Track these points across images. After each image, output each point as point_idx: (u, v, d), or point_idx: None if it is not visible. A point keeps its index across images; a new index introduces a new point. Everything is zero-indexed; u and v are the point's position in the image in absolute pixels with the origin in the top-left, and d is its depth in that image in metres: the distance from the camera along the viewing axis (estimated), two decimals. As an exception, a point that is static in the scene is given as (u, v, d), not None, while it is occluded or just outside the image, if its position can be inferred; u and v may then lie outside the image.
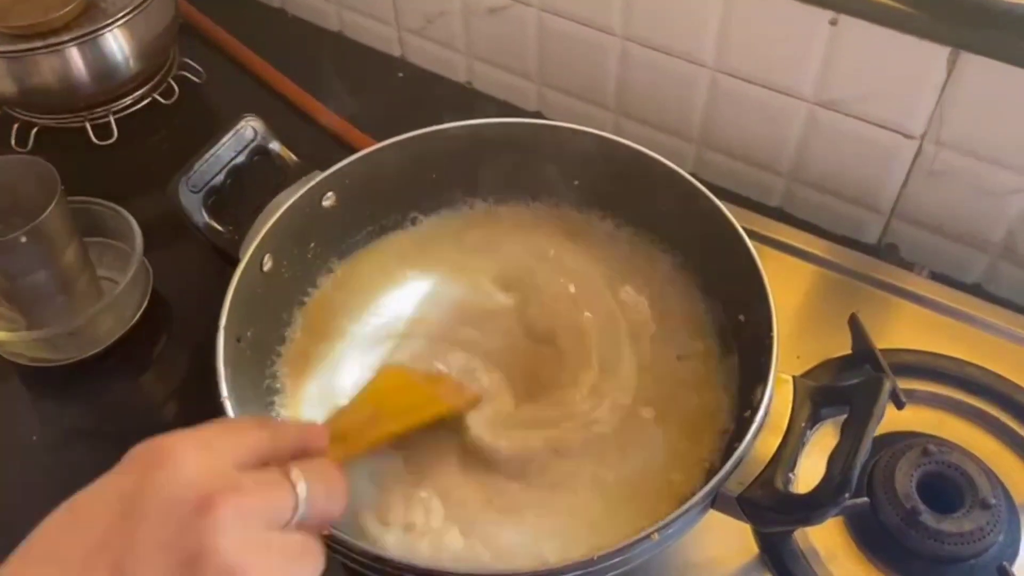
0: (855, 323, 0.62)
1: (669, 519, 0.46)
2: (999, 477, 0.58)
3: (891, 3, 0.63)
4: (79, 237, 0.68)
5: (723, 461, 0.49)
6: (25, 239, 0.62)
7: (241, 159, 0.63)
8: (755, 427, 0.49)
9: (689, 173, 0.61)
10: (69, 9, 0.79)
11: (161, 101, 0.88)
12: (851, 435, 0.47)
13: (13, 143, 0.85)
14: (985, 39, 0.61)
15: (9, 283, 0.66)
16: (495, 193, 0.69)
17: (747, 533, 0.57)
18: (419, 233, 0.68)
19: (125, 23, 0.80)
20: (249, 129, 0.64)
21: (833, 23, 0.66)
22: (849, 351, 0.63)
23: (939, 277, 0.74)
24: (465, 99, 0.92)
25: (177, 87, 0.89)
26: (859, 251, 0.74)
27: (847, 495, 0.45)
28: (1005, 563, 0.54)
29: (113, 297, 0.68)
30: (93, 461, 0.63)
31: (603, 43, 0.79)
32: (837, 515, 0.56)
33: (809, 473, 0.48)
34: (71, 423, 0.68)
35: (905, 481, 0.57)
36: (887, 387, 0.48)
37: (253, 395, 0.57)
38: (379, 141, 0.64)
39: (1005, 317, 0.68)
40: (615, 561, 0.45)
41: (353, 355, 0.61)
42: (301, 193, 0.61)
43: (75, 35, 0.78)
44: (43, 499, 0.62)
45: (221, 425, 0.39)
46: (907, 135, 0.69)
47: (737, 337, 0.59)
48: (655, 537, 0.45)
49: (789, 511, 0.48)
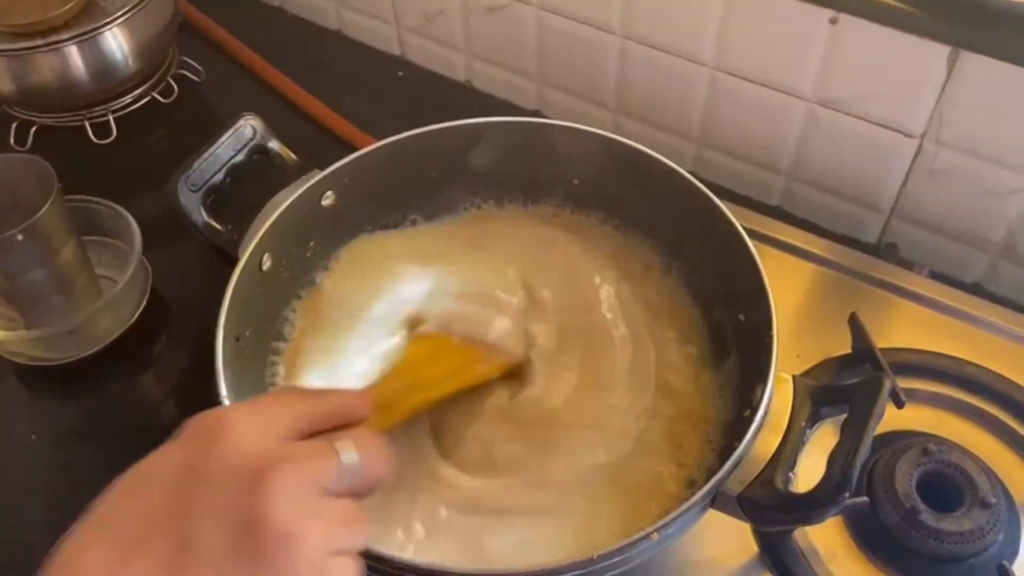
0: (855, 322, 0.62)
1: (669, 518, 0.46)
2: (999, 476, 0.58)
3: (891, 2, 0.63)
4: (77, 236, 0.68)
5: (723, 460, 0.49)
6: (22, 237, 0.62)
7: (240, 158, 0.63)
8: (755, 426, 0.49)
9: (689, 172, 0.61)
10: (68, 7, 0.79)
11: (160, 100, 0.88)
12: (851, 434, 0.47)
13: (12, 142, 0.85)
14: (985, 38, 0.61)
15: (7, 282, 0.65)
16: (494, 192, 0.69)
17: (747, 532, 0.57)
18: (418, 232, 0.68)
19: (124, 22, 0.80)
20: (248, 128, 0.64)
21: (833, 22, 0.66)
22: (849, 350, 0.63)
23: (939, 276, 0.73)
24: (465, 98, 0.92)
25: (176, 86, 0.89)
26: (859, 250, 0.74)
27: (847, 494, 0.44)
28: (1005, 562, 0.54)
29: (112, 296, 0.68)
30: (92, 460, 0.64)
31: (603, 42, 0.79)
32: (837, 514, 0.56)
33: (809, 472, 0.48)
34: (70, 422, 0.68)
35: (905, 480, 0.57)
36: (887, 386, 0.48)
37: (252, 394, 0.57)
38: (378, 140, 0.64)
39: (1005, 316, 0.68)
40: (615, 560, 0.45)
41: (352, 354, 0.61)
42: (300, 192, 0.61)
43: (74, 33, 0.78)
44: (42, 498, 0.63)
45: (271, 397, 0.41)
46: (907, 134, 0.69)
47: (737, 336, 0.58)
48: (655, 536, 0.45)
49: (789, 510, 0.48)
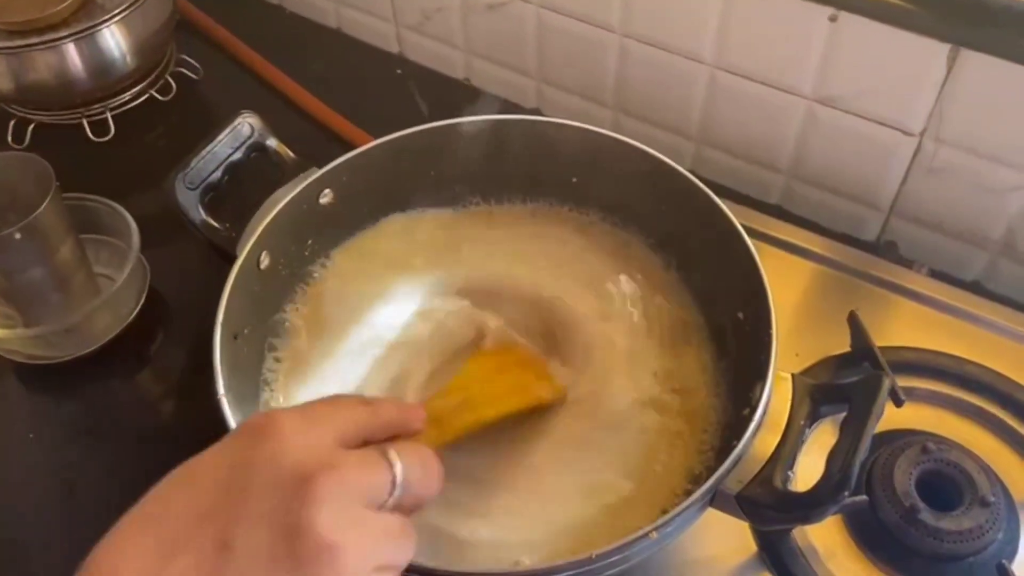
0: (854, 321, 0.62)
1: (667, 517, 0.46)
2: (998, 475, 0.58)
3: (891, 0, 0.63)
4: (75, 234, 0.68)
5: (722, 459, 0.48)
6: (20, 236, 0.62)
7: (238, 156, 0.63)
8: (754, 425, 0.49)
9: (688, 170, 0.61)
10: (66, 5, 0.78)
11: (158, 98, 0.88)
12: (850, 433, 0.47)
13: (10, 140, 0.85)
14: (985, 36, 0.61)
15: (5, 280, 0.65)
16: (493, 190, 0.68)
17: (746, 531, 0.57)
18: (417, 230, 0.68)
19: (122, 19, 0.80)
20: (246, 126, 0.64)
21: (832, 20, 0.66)
22: (848, 349, 0.63)
23: (938, 275, 0.73)
24: (464, 96, 0.92)
25: (174, 83, 0.89)
26: (858, 248, 0.74)
27: (846, 493, 0.44)
28: (1004, 561, 0.54)
29: (110, 294, 0.68)
30: (90, 459, 0.64)
31: (602, 40, 0.79)
32: (836, 513, 0.56)
33: (808, 471, 0.48)
34: (68, 421, 0.68)
35: (904, 479, 0.56)
36: (886, 385, 0.48)
37: (250, 392, 0.57)
38: (377, 138, 0.64)
39: (1004, 315, 0.68)
40: (613, 559, 0.45)
41: (351, 352, 0.61)
42: (298, 190, 0.61)
43: (72, 31, 0.78)
44: (40, 497, 0.63)
45: (325, 402, 0.40)
46: (906, 132, 0.69)
47: (736, 335, 0.58)
48: (653, 535, 0.45)
49: (788, 509, 0.48)
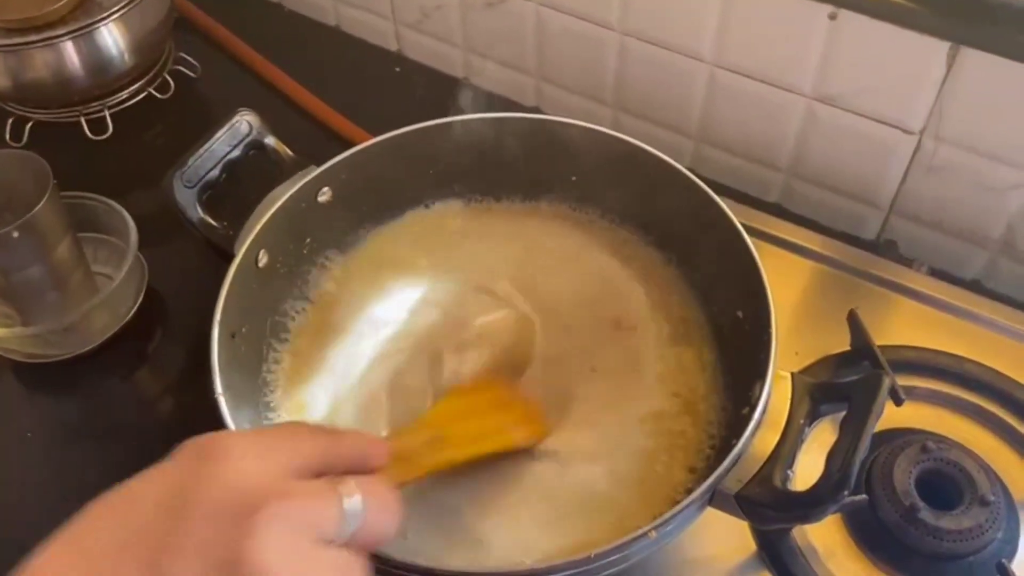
0: (854, 319, 0.62)
1: (666, 516, 0.46)
2: (998, 474, 0.58)
3: (891, -3, 0.63)
4: (73, 232, 0.68)
5: (721, 458, 0.48)
6: (17, 234, 0.61)
7: (236, 154, 0.63)
8: (753, 424, 0.49)
9: (687, 168, 0.61)
10: (64, 3, 0.78)
11: (156, 96, 0.88)
12: (850, 432, 0.47)
13: (8, 138, 0.85)
14: (985, 34, 0.61)
15: (2, 279, 0.65)
16: (492, 188, 0.68)
17: (745, 531, 0.57)
18: (416, 228, 0.68)
19: (120, 17, 0.80)
20: (244, 124, 0.64)
21: (832, 18, 0.66)
22: (848, 347, 0.63)
23: (938, 273, 0.73)
24: (462, 94, 0.92)
25: (172, 82, 0.88)
26: (858, 247, 0.74)
27: (846, 492, 0.44)
28: (1004, 560, 0.54)
29: (108, 293, 0.68)
30: (88, 458, 0.64)
31: (601, 38, 0.79)
32: (835, 513, 0.56)
33: (807, 470, 0.48)
34: (66, 420, 0.68)
35: (904, 478, 0.56)
36: (886, 384, 0.48)
37: (248, 391, 0.57)
38: (376, 136, 0.64)
39: (1004, 313, 0.68)
40: (612, 559, 0.45)
41: (349, 350, 0.61)
42: (297, 188, 0.61)
43: (70, 29, 0.78)
44: (38, 496, 0.63)
45: (281, 428, 0.38)
46: (906, 131, 0.69)
47: (735, 333, 0.58)
48: (652, 535, 0.45)
49: (787, 509, 0.48)
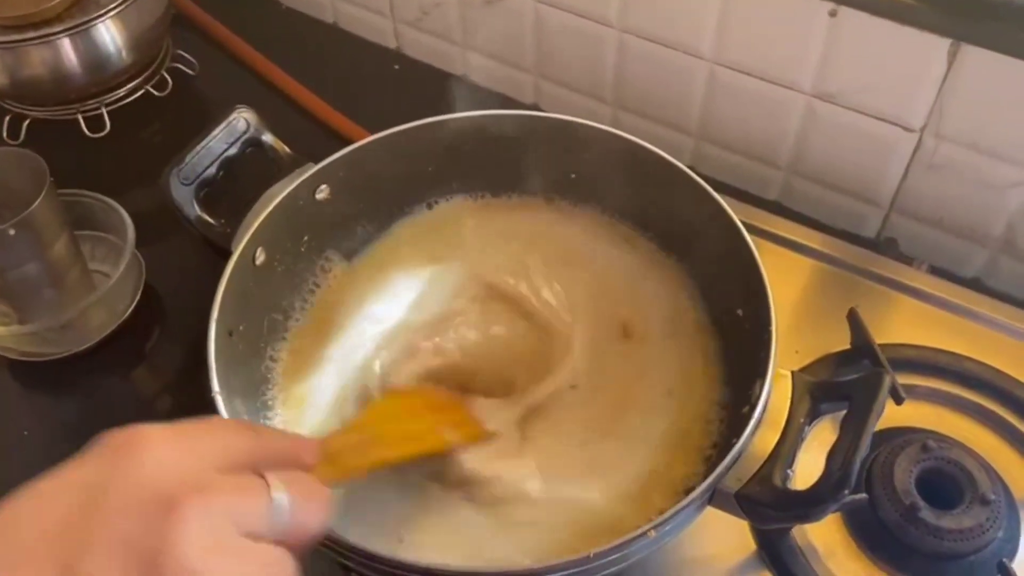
0: (854, 318, 0.62)
1: (666, 516, 0.45)
2: (998, 473, 0.58)
3: (891, -5, 0.62)
4: (70, 230, 0.68)
5: (721, 457, 0.48)
6: (14, 231, 0.61)
7: (233, 151, 0.63)
8: (753, 423, 0.49)
9: (687, 166, 0.60)
10: (61, 0, 0.78)
11: (154, 93, 0.87)
12: (850, 431, 0.46)
13: (5, 135, 0.85)
14: (986, 31, 0.61)
15: (-1, 276, 0.65)
16: (490, 185, 0.68)
17: (745, 530, 0.57)
18: (414, 226, 0.67)
19: (117, 14, 0.80)
20: (242, 121, 0.63)
21: (832, 15, 0.66)
22: (848, 346, 0.63)
23: (938, 271, 0.73)
24: (461, 92, 0.92)
25: (170, 79, 0.88)
26: (858, 245, 0.74)
27: (846, 491, 0.44)
28: (1005, 559, 0.54)
29: (105, 291, 0.68)
30: (84, 457, 0.63)
31: (600, 35, 0.79)
32: (836, 512, 0.56)
33: (808, 469, 0.48)
34: (63, 418, 0.68)
35: (904, 477, 0.56)
36: (886, 382, 0.47)
37: (245, 389, 0.57)
38: (374, 133, 0.64)
39: (1005, 311, 0.68)
40: (612, 558, 0.44)
41: (347, 350, 0.61)
42: (294, 186, 0.60)
43: (67, 26, 0.78)
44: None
45: (204, 422, 0.37)
46: (907, 128, 0.68)
47: (735, 332, 0.58)
48: (652, 534, 0.45)
49: (787, 508, 0.47)
